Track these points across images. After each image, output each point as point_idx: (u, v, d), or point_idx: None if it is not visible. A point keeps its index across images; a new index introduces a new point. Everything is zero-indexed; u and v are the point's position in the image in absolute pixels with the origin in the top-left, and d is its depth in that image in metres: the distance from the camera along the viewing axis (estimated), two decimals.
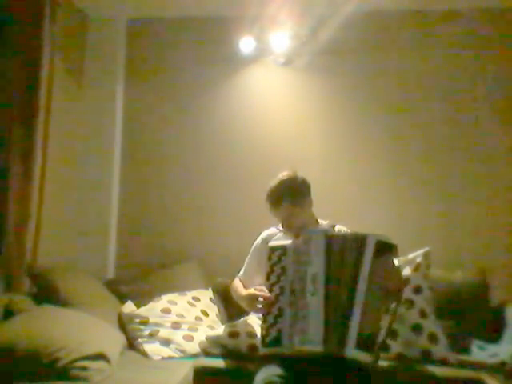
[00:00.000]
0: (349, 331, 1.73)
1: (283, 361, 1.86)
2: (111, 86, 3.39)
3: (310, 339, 1.79)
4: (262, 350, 1.95)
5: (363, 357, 1.74)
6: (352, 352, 1.73)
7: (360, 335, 1.72)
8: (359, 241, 1.82)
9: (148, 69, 3.45)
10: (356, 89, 3.27)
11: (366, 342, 1.73)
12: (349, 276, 1.80)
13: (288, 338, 1.85)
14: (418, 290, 2.44)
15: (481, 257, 3.00)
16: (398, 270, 1.98)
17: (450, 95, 3.18)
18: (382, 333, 1.90)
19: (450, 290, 2.71)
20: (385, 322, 1.99)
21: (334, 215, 2.37)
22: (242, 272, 2.39)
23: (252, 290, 2.05)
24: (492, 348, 2.44)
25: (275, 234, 2.29)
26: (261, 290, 1.99)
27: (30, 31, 2.66)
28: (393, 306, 2.01)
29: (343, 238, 1.91)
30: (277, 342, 1.87)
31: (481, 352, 2.44)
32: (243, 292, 2.19)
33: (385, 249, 1.81)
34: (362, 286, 1.77)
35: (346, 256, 1.83)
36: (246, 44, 3.26)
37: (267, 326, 1.91)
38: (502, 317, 2.59)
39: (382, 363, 2.19)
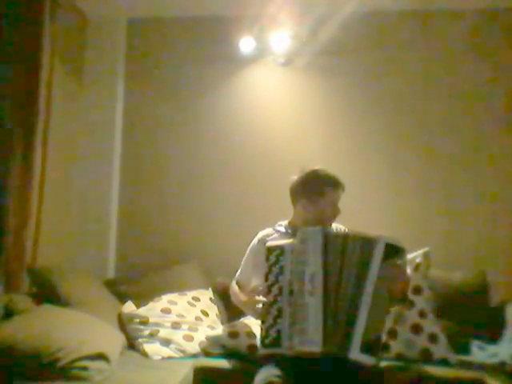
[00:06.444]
0: (354, 333, 1.73)
1: (283, 361, 1.86)
2: (111, 85, 3.38)
3: (309, 340, 1.78)
4: (262, 351, 1.94)
5: (367, 359, 1.73)
6: (356, 355, 1.72)
7: (365, 338, 1.72)
8: (367, 242, 1.81)
9: (148, 68, 3.45)
10: (356, 89, 3.27)
11: (371, 345, 1.73)
12: (354, 277, 1.79)
13: (287, 338, 1.84)
14: (417, 290, 2.43)
15: (481, 257, 3.00)
16: (405, 273, 1.97)
17: (450, 95, 3.18)
18: (384, 334, 1.90)
19: (450, 289, 2.71)
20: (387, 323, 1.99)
21: None
22: (238, 273, 2.39)
23: (250, 297, 2.06)
24: (492, 348, 2.43)
25: (271, 235, 2.28)
26: (253, 291, 2.01)
27: (30, 31, 2.66)
28: (396, 308, 2.00)
29: (345, 237, 1.90)
30: (276, 342, 1.87)
31: (481, 352, 2.43)
32: (244, 299, 2.19)
33: (393, 252, 1.81)
34: (369, 289, 1.76)
35: (348, 256, 1.82)
36: (245, 44, 3.26)
37: (266, 326, 1.91)
38: (502, 317, 2.59)
39: (382, 363, 2.19)
